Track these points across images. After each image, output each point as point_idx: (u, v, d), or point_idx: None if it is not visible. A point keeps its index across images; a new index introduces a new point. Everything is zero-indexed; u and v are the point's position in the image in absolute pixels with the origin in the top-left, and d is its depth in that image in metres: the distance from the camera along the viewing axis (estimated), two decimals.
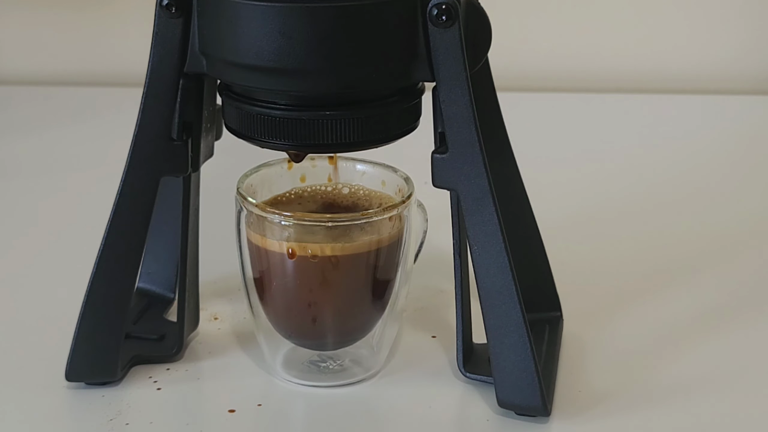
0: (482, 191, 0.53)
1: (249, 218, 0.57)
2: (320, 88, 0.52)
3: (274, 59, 0.50)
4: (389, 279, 0.58)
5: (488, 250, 0.53)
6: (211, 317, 0.65)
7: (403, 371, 0.60)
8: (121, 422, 0.56)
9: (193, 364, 0.61)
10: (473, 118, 0.52)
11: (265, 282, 0.57)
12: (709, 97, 1.07)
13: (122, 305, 0.57)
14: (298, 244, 0.55)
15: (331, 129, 0.52)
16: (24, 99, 1.07)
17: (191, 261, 0.61)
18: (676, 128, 1.00)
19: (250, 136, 0.54)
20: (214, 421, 0.57)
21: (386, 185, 0.60)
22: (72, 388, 0.58)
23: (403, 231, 0.58)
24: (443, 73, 0.52)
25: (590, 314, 0.66)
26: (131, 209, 0.56)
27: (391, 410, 0.57)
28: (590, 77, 1.10)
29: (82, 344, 0.57)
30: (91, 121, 1.01)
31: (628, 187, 0.85)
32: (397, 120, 0.54)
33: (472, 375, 0.58)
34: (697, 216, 0.80)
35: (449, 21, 0.51)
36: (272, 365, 0.60)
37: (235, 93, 0.54)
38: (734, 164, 0.91)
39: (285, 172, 0.61)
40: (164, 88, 0.54)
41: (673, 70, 1.10)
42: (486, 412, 0.56)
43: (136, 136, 0.55)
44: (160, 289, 0.65)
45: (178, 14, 0.53)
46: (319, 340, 0.59)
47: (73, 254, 0.72)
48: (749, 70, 1.10)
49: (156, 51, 0.54)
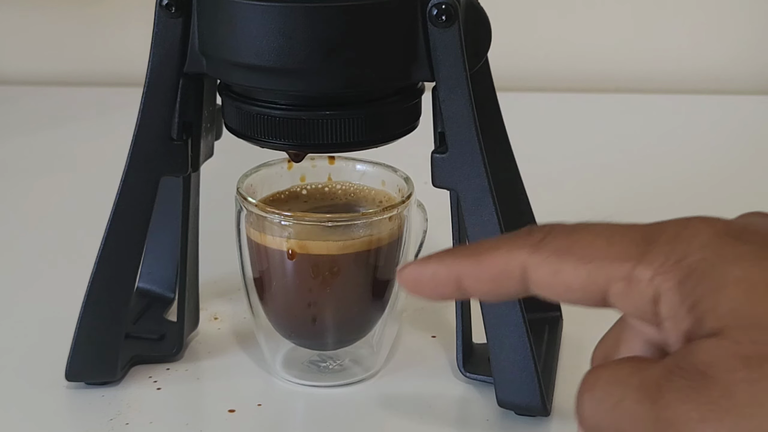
0: (482, 191, 0.53)
1: (249, 218, 0.57)
2: (320, 88, 0.52)
3: (274, 59, 0.50)
4: (389, 279, 0.58)
5: None
6: (211, 317, 0.65)
7: (403, 371, 0.60)
8: (121, 422, 0.56)
9: (193, 364, 0.61)
10: (473, 118, 0.52)
11: (265, 282, 0.57)
12: (710, 97, 1.07)
13: (122, 305, 0.57)
14: (298, 244, 0.55)
15: (331, 129, 0.52)
16: (24, 99, 1.07)
17: (191, 261, 0.61)
18: (676, 128, 1.00)
19: (250, 136, 0.54)
20: (213, 421, 0.57)
21: (386, 185, 0.60)
22: (72, 388, 0.58)
23: (403, 231, 0.58)
24: (443, 73, 0.52)
25: (590, 314, 0.65)
26: (131, 209, 0.56)
27: (391, 410, 0.57)
28: (590, 77, 1.10)
29: (82, 344, 0.57)
30: (91, 121, 1.01)
31: (628, 187, 0.85)
32: (397, 120, 0.54)
33: (472, 375, 0.58)
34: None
35: (449, 21, 0.51)
36: (272, 365, 0.60)
37: (235, 93, 0.54)
38: (735, 164, 0.91)
39: (285, 172, 0.61)
40: (164, 88, 0.54)
41: (674, 70, 1.10)
42: (486, 412, 0.56)
43: (136, 136, 0.55)
44: (160, 289, 0.65)
45: (178, 14, 0.53)
46: (319, 340, 0.59)
47: (73, 254, 0.72)
48: (750, 70, 1.10)
49: (156, 51, 0.54)
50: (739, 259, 0.38)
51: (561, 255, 0.41)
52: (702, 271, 0.38)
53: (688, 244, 0.39)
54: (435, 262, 0.43)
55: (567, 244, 0.41)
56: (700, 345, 0.37)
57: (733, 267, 0.38)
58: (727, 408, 0.36)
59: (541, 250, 0.41)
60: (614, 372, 0.39)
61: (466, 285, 0.43)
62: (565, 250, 0.41)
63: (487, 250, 0.42)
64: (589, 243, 0.40)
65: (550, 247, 0.41)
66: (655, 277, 0.39)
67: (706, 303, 0.37)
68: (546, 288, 0.41)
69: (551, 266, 0.41)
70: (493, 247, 0.42)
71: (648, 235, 0.40)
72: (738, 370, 0.36)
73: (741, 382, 0.36)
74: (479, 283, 0.42)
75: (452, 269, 0.43)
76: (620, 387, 0.38)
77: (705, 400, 0.36)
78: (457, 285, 0.43)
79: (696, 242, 0.39)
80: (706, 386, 0.36)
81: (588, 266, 0.40)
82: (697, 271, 0.38)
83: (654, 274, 0.39)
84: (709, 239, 0.39)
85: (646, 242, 0.40)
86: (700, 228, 0.39)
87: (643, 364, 0.38)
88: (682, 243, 0.39)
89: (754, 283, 0.37)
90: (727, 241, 0.39)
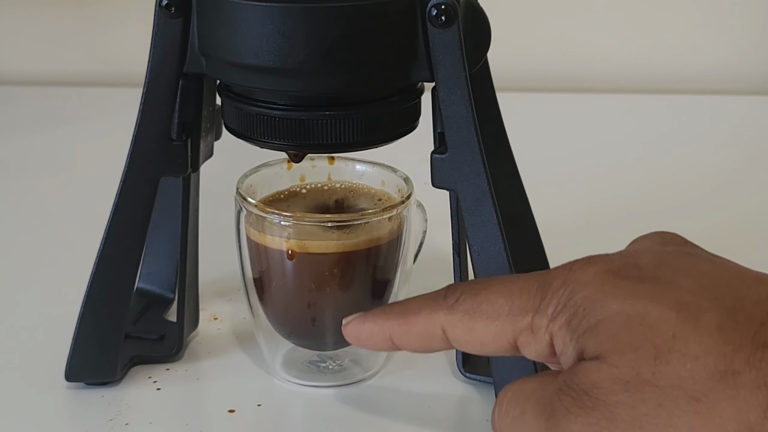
0: (482, 191, 0.53)
1: (249, 218, 0.57)
2: (320, 88, 0.52)
3: (274, 59, 0.50)
4: (389, 279, 0.58)
5: (488, 250, 0.53)
6: (211, 317, 0.65)
7: (403, 371, 0.60)
8: (121, 422, 0.56)
9: (192, 364, 0.61)
10: (472, 119, 0.52)
11: (265, 282, 0.57)
12: (710, 97, 1.07)
13: (122, 305, 0.57)
14: (298, 244, 0.55)
15: (331, 129, 0.52)
16: (24, 99, 1.07)
17: (191, 261, 0.61)
18: (676, 128, 1.00)
19: (249, 136, 0.54)
20: (213, 421, 0.57)
21: (386, 185, 0.60)
22: (72, 388, 0.58)
23: (403, 231, 0.58)
24: (442, 73, 0.52)
25: None
26: (131, 209, 0.56)
27: (391, 410, 0.57)
28: (590, 77, 1.10)
29: (81, 344, 0.57)
30: (91, 121, 1.01)
31: (629, 188, 0.85)
32: (396, 120, 0.54)
33: (471, 375, 0.59)
34: (698, 216, 0.80)
35: (448, 21, 0.51)
36: (272, 365, 0.60)
37: (235, 93, 0.54)
38: (735, 164, 0.91)
39: (285, 172, 0.61)
40: (164, 88, 0.54)
41: (674, 71, 1.10)
42: (486, 412, 0.56)
43: (135, 136, 0.55)
44: (160, 289, 0.65)
45: (178, 14, 0.53)
46: (319, 340, 0.59)
47: (73, 254, 0.72)
48: (750, 70, 1.10)
49: (155, 51, 0.54)
50: (617, 294, 0.41)
51: (472, 315, 0.45)
52: (585, 308, 0.42)
53: (574, 286, 0.43)
54: (371, 321, 0.49)
55: (475, 304, 0.46)
56: (584, 366, 0.41)
57: (611, 301, 0.41)
58: (609, 429, 0.39)
59: (454, 311, 0.46)
60: (520, 388, 0.43)
61: (398, 343, 0.48)
62: (475, 310, 0.45)
63: (411, 312, 0.48)
64: (494, 302, 0.45)
65: (461, 308, 0.46)
66: (549, 323, 0.43)
67: (588, 334, 0.41)
68: (464, 344, 0.46)
69: (465, 326, 0.46)
70: (416, 309, 0.47)
71: (542, 284, 0.44)
72: (618, 393, 0.39)
73: (621, 404, 0.39)
74: (409, 342, 0.48)
75: (384, 329, 0.48)
76: (522, 402, 0.43)
77: (589, 421, 0.39)
78: (391, 342, 0.48)
79: (580, 283, 0.43)
80: (591, 406, 0.40)
81: (496, 323, 0.45)
82: (581, 307, 0.42)
83: (549, 321, 0.43)
84: (591, 278, 0.43)
85: (541, 292, 0.44)
86: (584, 269, 0.44)
87: (544, 381, 0.43)
88: (569, 285, 0.43)
89: (630, 316, 0.40)
90: (607, 278, 0.42)
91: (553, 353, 0.43)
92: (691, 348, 0.39)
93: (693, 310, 0.40)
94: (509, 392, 0.44)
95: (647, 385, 0.39)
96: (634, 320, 0.40)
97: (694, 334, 0.39)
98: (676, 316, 0.40)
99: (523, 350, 0.45)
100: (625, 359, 0.39)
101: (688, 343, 0.39)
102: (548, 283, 0.44)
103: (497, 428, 0.44)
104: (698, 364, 0.38)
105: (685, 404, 0.38)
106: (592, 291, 0.42)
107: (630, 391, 0.39)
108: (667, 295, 0.40)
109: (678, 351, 0.39)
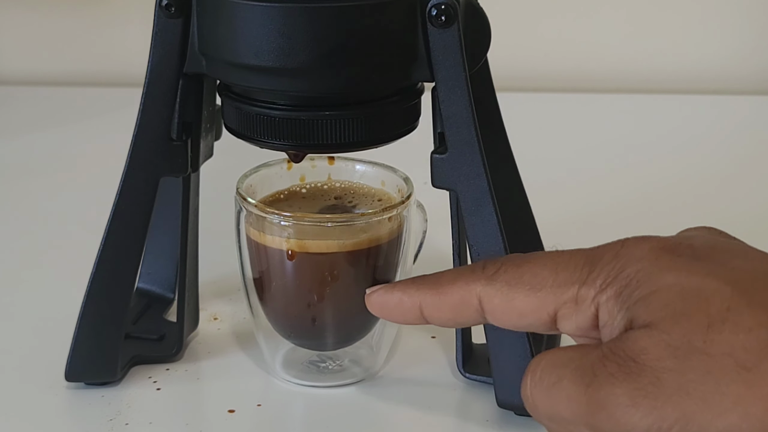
0: (481, 191, 0.53)
1: (249, 218, 0.57)
2: (320, 88, 0.52)
3: (274, 59, 0.50)
4: (389, 279, 0.58)
5: (488, 250, 0.53)
6: (211, 317, 0.65)
7: (402, 371, 0.60)
8: (121, 422, 0.56)
9: (192, 364, 0.61)
10: (472, 119, 0.52)
11: (265, 282, 0.57)
12: (710, 97, 1.07)
13: (122, 305, 0.57)
14: (298, 244, 0.55)
15: (331, 129, 0.52)
16: (24, 99, 1.07)
17: (191, 261, 0.61)
18: (676, 128, 1.00)
19: (249, 137, 0.54)
20: (213, 421, 0.57)
21: (386, 185, 0.60)
22: (72, 388, 0.58)
23: (403, 231, 0.58)
24: (442, 73, 0.52)
25: None
26: (131, 209, 0.56)
27: (391, 410, 0.57)
28: (590, 77, 1.10)
29: (81, 344, 0.57)
30: (91, 121, 1.01)
31: (629, 188, 0.85)
32: (396, 120, 0.54)
33: (471, 375, 0.59)
34: (698, 216, 0.79)
35: (448, 21, 0.51)
36: (272, 365, 0.60)
37: (235, 93, 0.54)
38: (735, 164, 0.91)
39: (285, 172, 0.61)
40: (164, 88, 0.54)
41: (674, 71, 1.10)
42: (485, 413, 0.56)
43: (135, 136, 0.55)
44: (160, 289, 0.65)
45: (178, 14, 0.53)
46: (319, 340, 0.59)
47: (73, 254, 0.72)
48: (750, 70, 1.10)
49: (155, 51, 0.54)
50: (672, 268, 0.41)
51: (513, 285, 0.45)
52: (638, 280, 0.42)
53: (627, 260, 0.42)
54: (399, 290, 0.49)
55: (518, 275, 0.45)
56: (633, 334, 0.40)
57: (666, 274, 0.41)
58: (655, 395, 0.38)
59: (494, 281, 0.46)
60: (555, 356, 0.42)
61: (428, 314, 0.48)
62: (517, 281, 0.45)
63: (446, 283, 0.47)
64: (538, 273, 0.45)
65: (502, 278, 0.45)
66: (597, 294, 0.43)
67: (640, 303, 0.41)
68: (500, 315, 0.46)
69: (504, 296, 0.45)
70: (451, 279, 0.47)
71: (590, 258, 0.44)
72: (666, 359, 0.39)
73: (669, 371, 0.38)
74: (440, 312, 0.47)
75: (415, 299, 0.48)
76: (559, 369, 0.41)
77: (635, 386, 0.39)
78: (420, 313, 0.48)
79: (634, 257, 0.42)
80: (637, 372, 0.39)
81: (538, 294, 0.44)
82: (634, 280, 0.42)
83: (597, 292, 0.43)
84: (645, 253, 0.42)
85: (589, 265, 0.43)
86: (637, 244, 0.43)
87: (583, 350, 0.41)
88: (621, 259, 0.43)
89: (685, 287, 0.40)
90: (661, 254, 0.42)
91: (594, 326, 0.43)
92: (745, 320, 0.39)
93: (748, 287, 0.40)
94: (543, 360, 0.42)
95: (697, 352, 0.38)
96: (689, 291, 0.40)
97: (748, 308, 0.39)
98: (731, 291, 0.40)
99: (562, 323, 0.44)
100: (677, 326, 0.39)
101: (742, 315, 0.39)
102: (598, 257, 0.43)
103: (529, 397, 0.42)
104: (751, 336, 0.38)
105: (734, 373, 0.38)
106: (646, 264, 0.42)
107: (679, 357, 0.38)
108: (722, 272, 0.41)
109: (731, 321, 0.39)
